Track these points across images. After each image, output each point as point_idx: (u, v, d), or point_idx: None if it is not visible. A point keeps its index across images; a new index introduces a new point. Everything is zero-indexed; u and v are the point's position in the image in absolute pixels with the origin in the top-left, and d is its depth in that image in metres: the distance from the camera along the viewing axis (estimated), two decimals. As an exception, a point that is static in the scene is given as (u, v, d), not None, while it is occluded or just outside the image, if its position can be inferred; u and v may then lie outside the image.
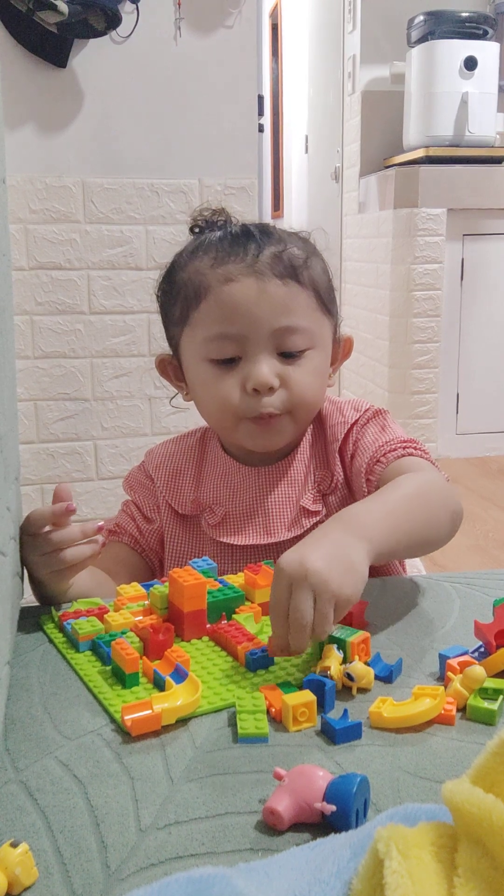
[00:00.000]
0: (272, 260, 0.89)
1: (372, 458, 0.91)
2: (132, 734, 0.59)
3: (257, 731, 0.59)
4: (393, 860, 0.37)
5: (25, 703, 0.65)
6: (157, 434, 2.35)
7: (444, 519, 0.81)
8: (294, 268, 0.90)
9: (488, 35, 3.58)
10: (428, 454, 0.92)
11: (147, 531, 1.00)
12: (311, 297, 0.91)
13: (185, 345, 0.94)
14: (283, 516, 0.94)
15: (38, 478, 2.31)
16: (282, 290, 0.89)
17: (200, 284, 0.90)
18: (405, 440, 0.93)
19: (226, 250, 0.90)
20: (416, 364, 3.63)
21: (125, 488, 1.04)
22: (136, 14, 2.13)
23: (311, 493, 0.95)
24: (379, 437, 0.93)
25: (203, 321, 0.90)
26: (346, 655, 0.67)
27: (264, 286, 0.88)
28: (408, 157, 3.68)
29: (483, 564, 2.54)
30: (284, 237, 0.93)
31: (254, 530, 0.94)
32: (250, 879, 0.41)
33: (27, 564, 0.81)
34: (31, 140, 2.14)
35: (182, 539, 0.99)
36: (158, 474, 1.01)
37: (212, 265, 0.90)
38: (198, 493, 0.98)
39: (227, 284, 0.88)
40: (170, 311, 0.96)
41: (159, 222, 2.26)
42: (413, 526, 0.77)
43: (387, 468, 0.89)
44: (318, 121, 5.19)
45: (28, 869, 0.46)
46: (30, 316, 2.22)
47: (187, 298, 0.92)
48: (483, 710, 0.61)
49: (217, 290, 0.89)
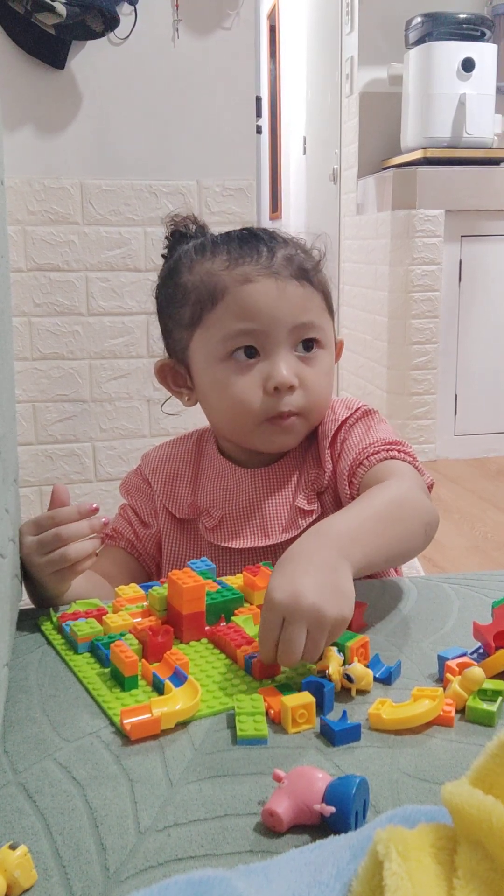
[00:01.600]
0: (285, 261, 0.90)
1: (355, 461, 0.90)
2: (131, 738, 0.59)
3: (256, 733, 0.59)
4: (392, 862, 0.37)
5: (24, 705, 0.65)
6: (156, 436, 2.35)
7: (418, 532, 0.81)
8: (306, 270, 0.92)
9: (486, 37, 3.59)
10: (412, 456, 0.91)
11: (144, 536, 1.00)
12: (320, 298, 0.93)
13: (197, 347, 0.93)
14: (280, 518, 0.94)
15: (36, 479, 2.30)
16: (299, 290, 0.90)
17: (216, 286, 0.90)
18: (389, 442, 0.91)
19: (238, 252, 0.91)
20: (415, 365, 3.63)
21: (122, 492, 1.04)
22: (134, 16, 2.13)
23: (305, 493, 0.94)
24: (363, 438, 0.93)
25: (220, 320, 0.90)
26: (345, 657, 0.67)
27: (283, 286, 0.89)
28: (406, 158, 3.68)
29: (482, 566, 2.54)
30: (289, 240, 0.94)
31: (251, 533, 0.94)
32: (250, 881, 0.41)
33: (29, 566, 0.81)
34: (30, 142, 2.14)
35: (180, 543, 0.98)
36: (155, 478, 1.00)
37: (226, 266, 0.90)
38: (195, 496, 0.98)
39: (245, 285, 0.89)
40: (176, 314, 0.95)
41: (158, 224, 2.26)
42: (387, 541, 0.76)
43: (368, 472, 0.89)
44: (316, 122, 5.19)
45: (27, 871, 0.46)
46: (28, 317, 2.22)
47: (200, 300, 0.91)
48: (482, 711, 0.61)
49: (235, 290, 0.89)
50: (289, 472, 0.96)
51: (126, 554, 1.00)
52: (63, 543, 0.80)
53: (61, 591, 0.83)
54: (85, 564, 0.82)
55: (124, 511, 1.02)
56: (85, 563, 0.82)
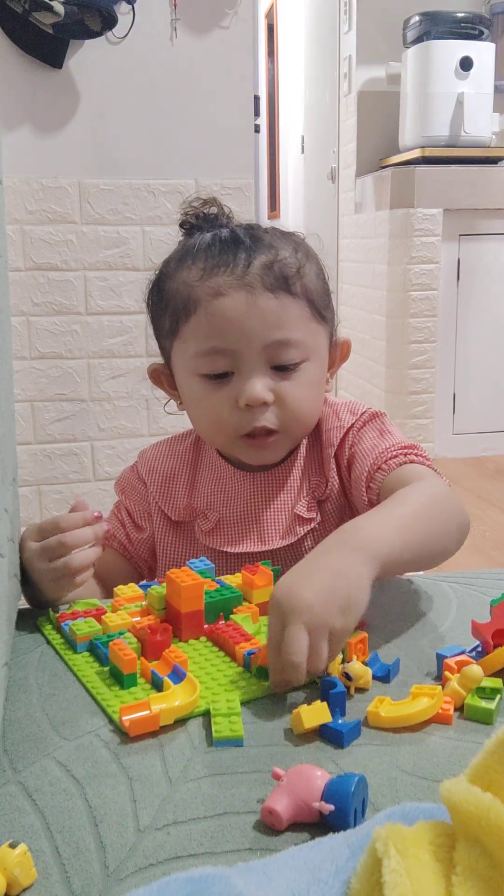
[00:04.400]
0: (262, 271, 0.86)
1: (372, 466, 0.88)
2: (130, 735, 0.59)
3: (232, 734, 0.58)
4: (391, 859, 0.37)
5: (24, 704, 0.65)
6: (155, 435, 2.35)
7: (452, 531, 0.79)
8: (286, 278, 0.86)
9: (484, 35, 3.58)
10: (429, 460, 0.90)
11: (137, 540, 0.99)
12: (303, 307, 0.88)
13: (177, 358, 0.92)
14: (278, 524, 0.92)
15: (34, 479, 2.30)
16: (273, 304, 0.85)
17: (189, 297, 0.87)
18: (406, 446, 0.89)
19: (214, 261, 0.87)
20: (413, 364, 3.63)
21: (116, 490, 1.03)
22: (133, 15, 2.13)
23: (306, 500, 0.93)
24: (378, 443, 0.90)
25: (193, 335, 0.88)
26: (343, 655, 0.67)
27: (255, 300, 0.85)
28: (404, 157, 3.68)
29: (480, 564, 2.54)
30: (276, 242, 0.89)
31: (248, 538, 0.92)
32: (249, 879, 0.41)
33: (31, 573, 0.81)
34: (28, 141, 2.14)
35: (175, 546, 0.97)
36: (151, 479, 0.99)
37: (200, 277, 0.87)
38: (191, 498, 0.96)
39: (216, 299, 0.85)
40: (159, 321, 0.94)
41: (156, 223, 2.26)
42: (423, 539, 0.74)
43: (388, 476, 0.86)
44: (314, 121, 5.19)
45: (27, 870, 0.46)
46: (26, 317, 2.22)
47: (176, 311, 0.89)
48: (480, 709, 0.61)
49: (206, 303, 0.86)
50: (290, 477, 0.94)
51: (118, 556, 0.99)
52: (66, 551, 0.79)
53: (60, 598, 0.83)
54: (85, 576, 0.81)
55: (118, 511, 1.01)
56: (85, 575, 0.81)
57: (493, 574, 0.90)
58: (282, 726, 0.61)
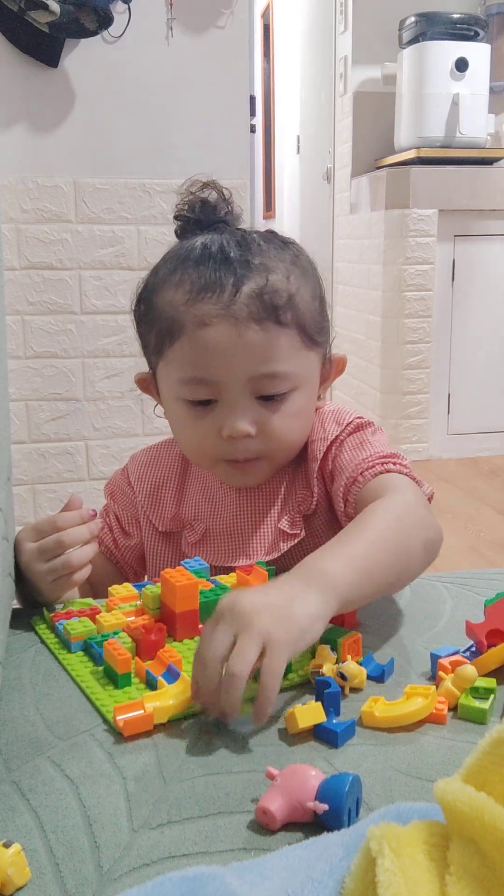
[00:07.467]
0: (250, 300, 0.81)
1: (349, 479, 0.85)
2: (124, 734, 0.59)
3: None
4: (385, 858, 0.37)
5: (17, 704, 0.65)
6: (149, 435, 2.35)
7: (419, 553, 0.76)
8: (275, 308, 0.81)
9: (479, 36, 3.59)
10: (408, 468, 0.86)
11: (123, 546, 0.99)
12: (293, 336, 0.84)
13: (161, 378, 0.90)
14: (263, 539, 0.91)
15: (29, 478, 2.30)
16: (259, 336, 0.81)
17: (174, 321, 0.83)
18: (384, 455, 0.86)
19: (202, 282, 0.82)
20: (408, 364, 3.64)
21: (106, 493, 1.02)
22: (128, 14, 2.13)
23: (290, 515, 0.91)
24: (356, 454, 0.87)
25: (177, 361, 0.84)
26: (338, 655, 0.67)
27: (241, 332, 0.80)
28: (399, 157, 3.69)
29: (474, 564, 2.54)
30: (269, 262, 0.84)
31: (232, 551, 0.91)
32: (243, 878, 0.41)
33: (29, 574, 0.80)
34: (23, 140, 2.14)
35: (163, 555, 0.96)
36: (140, 487, 0.98)
37: (186, 301, 0.82)
38: (179, 507, 0.95)
39: (201, 329, 0.81)
40: (146, 336, 0.90)
41: (151, 222, 2.26)
42: (385, 571, 0.71)
43: (363, 488, 0.83)
44: (309, 121, 5.19)
45: (20, 869, 0.46)
46: (21, 316, 2.22)
47: (161, 333, 0.85)
48: (474, 709, 0.61)
49: (191, 332, 0.82)
50: (276, 491, 0.92)
51: (105, 559, 0.99)
52: (64, 549, 0.79)
53: (57, 598, 0.82)
54: (83, 573, 0.81)
55: (107, 514, 1.00)
56: (83, 572, 0.81)
57: (488, 574, 0.90)
58: (276, 726, 0.61)
